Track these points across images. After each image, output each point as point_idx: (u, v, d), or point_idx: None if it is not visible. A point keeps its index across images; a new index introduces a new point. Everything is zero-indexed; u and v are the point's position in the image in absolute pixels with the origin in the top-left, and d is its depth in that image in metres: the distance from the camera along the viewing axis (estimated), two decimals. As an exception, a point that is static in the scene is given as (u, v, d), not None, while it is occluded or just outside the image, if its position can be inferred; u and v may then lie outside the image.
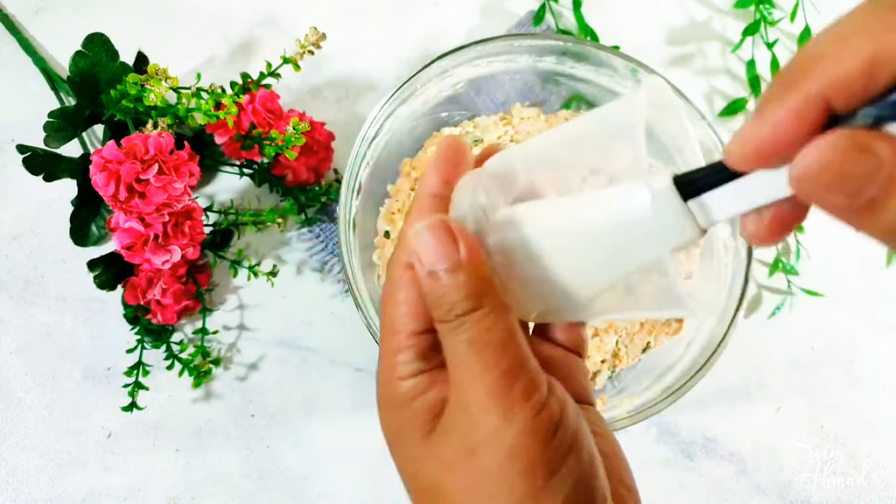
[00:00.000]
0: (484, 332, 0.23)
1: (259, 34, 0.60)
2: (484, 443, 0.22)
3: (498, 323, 0.23)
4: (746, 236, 0.22)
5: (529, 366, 0.23)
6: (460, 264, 0.23)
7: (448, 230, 0.23)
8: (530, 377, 0.23)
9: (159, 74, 0.48)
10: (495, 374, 0.22)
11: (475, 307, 0.23)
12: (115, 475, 0.52)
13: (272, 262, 0.56)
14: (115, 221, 0.48)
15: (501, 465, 0.22)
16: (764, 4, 0.61)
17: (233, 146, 0.51)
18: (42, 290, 0.54)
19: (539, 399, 0.23)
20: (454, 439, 0.23)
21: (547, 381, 0.24)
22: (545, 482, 0.22)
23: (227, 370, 0.54)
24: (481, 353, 0.23)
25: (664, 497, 0.54)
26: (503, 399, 0.22)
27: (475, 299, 0.23)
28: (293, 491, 0.52)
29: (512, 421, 0.22)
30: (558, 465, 0.22)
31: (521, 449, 0.22)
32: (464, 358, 0.23)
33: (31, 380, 0.53)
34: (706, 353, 0.47)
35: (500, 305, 0.23)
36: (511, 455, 0.22)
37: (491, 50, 0.51)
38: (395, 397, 0.25)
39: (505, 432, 0.22)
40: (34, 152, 0.49)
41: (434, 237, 0.23)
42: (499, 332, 0.23)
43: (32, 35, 0.58)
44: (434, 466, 0.24)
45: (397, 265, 0.25)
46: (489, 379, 0.22)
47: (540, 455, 0.22)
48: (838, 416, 0.56)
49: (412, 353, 0.25)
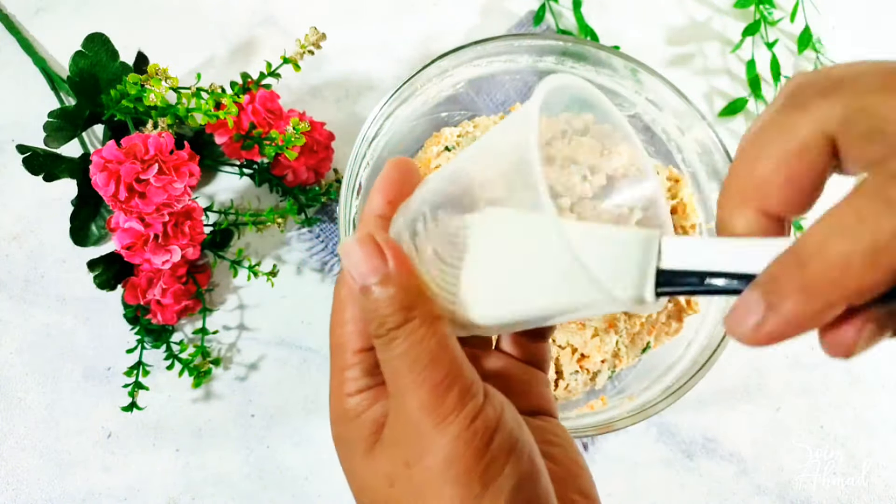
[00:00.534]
0: (415, 345, 0.23)
1: (259, 34, 0.60)
2: (420, 454, 0.23)
3: (429, 335, 0.23)
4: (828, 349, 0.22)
5: (463, 375, 0.23)
6: (389, 277, 0.23)
7: (374, 244, 0.24)
8: (464, 386, 0.23)
9: (159, 74, 0.48)
10: (428, 386, 0.23)
11: (406, 320, 0.23)
12: (115, 475, 0.52)
13: (272, 262, 0.56)
14: (115, 221, 0.48)
15: (438, 475, 0.22)
16: (764, 4, 0.61)
17: (233, 146, 0.51)
18: (42, 290, 0.54)
19: (474, 407, 0.23)
20: (393, 452, 0.24)
21: (484, 389, 0.24)
22: (483, 489, 0.22)
23: (227, 370, 0.54)
24: (413, 367, 0.23)
25: (664, 497, 0.54)
26: (437, 410, 0.22)
27: (405, 312, 0.23)
28: (293, 491, 0.52)
29: (446, 431, 0.22)
30: (497, 471, 0.22)
31: (456, 458, 0.22)
32: (398, 372, 0.23)
33: (31, 380, 0.53)
34: (706, 353, 0.47)
35: (431, 317, 0.24)
36: (447, 464, 0.22)
37: (491, 50, 0.51)
38: (343, 413, 0.25)
39: (439, 442, 0.22)
40: (34, 152, 0.49)
41: (362, 251, 0.24)
42: (430, 344, 0.23)
43: (32, 35, 0.58)
44: (376, 480, 0.24)
45: (343, 283, 0.26)
46: (423, 391, 0.23)
47: (476, 462, 0.22)
48: (838, 416, 0.56)
49: (359, 370, 0.25)
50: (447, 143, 0.52)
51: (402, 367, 0.23)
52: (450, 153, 0.51)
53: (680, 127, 0.52)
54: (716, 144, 0.50)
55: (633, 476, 0.54)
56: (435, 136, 0.53)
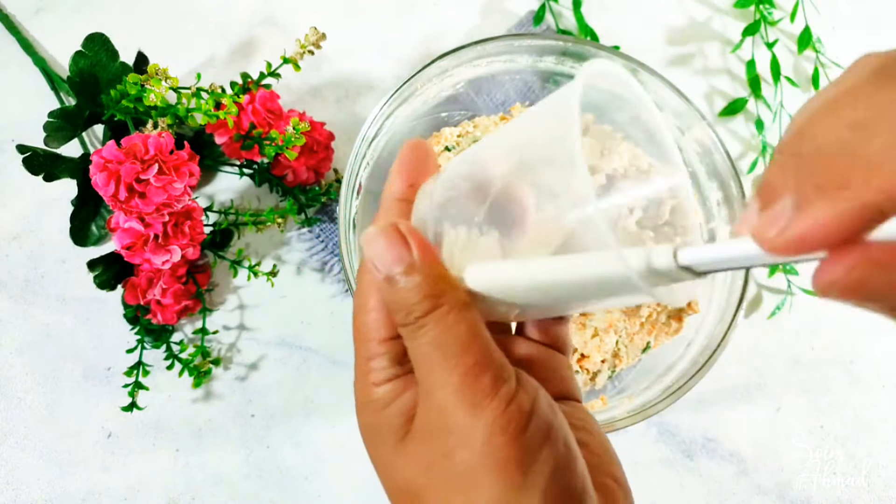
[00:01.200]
0: (444, 332, 0.23)
1: (259, 34, 0.60)
2: (455, 442, 0.22)
3: (458, 321, 0.23)
4: None
5: (495, 360, 0.23)
6: (414, 266, 0.23)
7: (398, 232, 0.23)
8: (496, 372, 0.23)
9: (159, 74, 0.48)
10: (460, 373, 0.22)
11: (433, 307, 0.23)
12: (114, 475, 0.52)
13: (272, 262, 0.56)
14: (115, 221, 0.48)
15: (476, 465, 0.22)
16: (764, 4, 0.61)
17: (233, 146, 0.51)
18: (42, 290, 0.54)
19: (507, 392, 0.22)
20: (427, 442, 0.23)
21: (516, 374, 0.24)
22: (522, 477, 0.22)
23: (227, 370, 0.54)
24: (444, 354, 0.22)
25: (664, 497, 0.54)
26: (470, 397, 0.22)
27: (433, 299, 0.23)
28: (293, 491, 0.52)
29: (481, 418, 0.22)
30: (533, 457, 0.22)
31: (493, 446, 0.22)
32: (427, 360, 0.23)
33: (31, 380, 0.53)
34: (706, 353, 0.47)
35: (460, 303, 0.23)
36: (484, 453, 0.22)
37: (491, 50, 0.51)
38: (371, 403, 0.25)
39: (475, 430, 0.22)
40: (34, 152, 0.49)
41: (386, 240, 0.23)
42: (460, 330, 0.23)
43: (32, 35, 0.58)
44: (410, 470, 0.24)
45: (365, 271, 0.25)
46: (454, 378, 0.22)
47: (513, 450, 0.22)
48: (838, 416, 0.56)
49: (386, 359, 0.25)
50: (447, 143, 0.52)
51: (433, 355, 0.23)
52: (450, 153, 0.51)
53: (680, 127, 0.52)
54: (716, 144, 0.50)
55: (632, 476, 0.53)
56: (435, 136, 0.53)
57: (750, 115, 0.61)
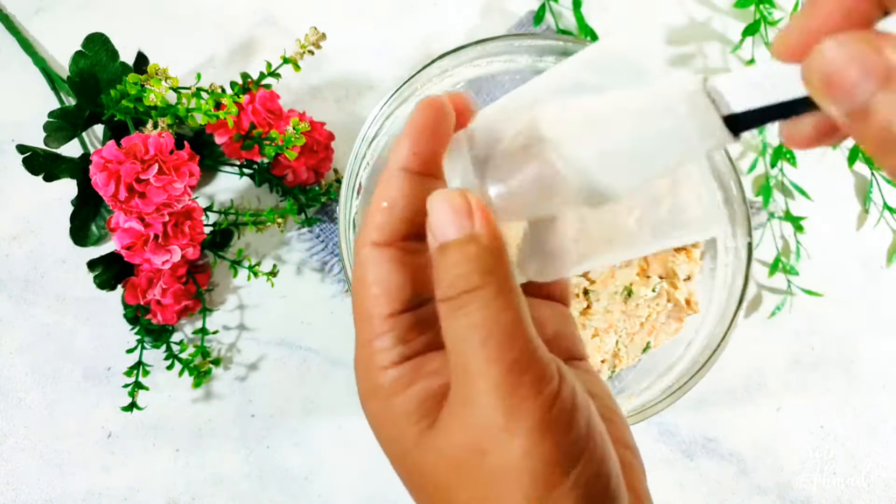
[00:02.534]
0: (489, 317, 0.21)
1: (259, 34, 0.60)
2: (493, 445, 0.21)
3: (505, 307, 0.21)
4: (783, 137, 0.21)
5: (539, 355, 0.21)
6: (473, 237, 0.21)
7: (465, 201, 0.22)
8: (540, 368, 0.21)
9: (159, 74, 0.48)
10: (502, 367, 0.21)
11: (482, 284, 0.21)
12: (114, 475, 0.52)
13: (272, 262, 0.56)
14: (115, 221, 0.48)
15: (514, 466, 0.21)
16: (764, 4, 0.61)
17: (233, 146, 0.51)
18: (42, 290, 0.54)
19: (551, 392, 0.21)
20: (460, 436, 0.21)
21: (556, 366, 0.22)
22: (562, 479, 0.21)
23: (227, 370, 0.54)
24: (486, 343, 0.21)
25: (664, 497, 0.54)
26: (512, 395, 0.20)
27: (484, 274, 0.21)
28: (293, 491, 0.52)
29: (523, 419, 0.20)
30: (575, 459, 0.21)
31: (535, 448, 0.20)
32: (467, 346, 0.21)
33: (31, 380, 0.53)
34: (706, 353, 0.47)
35: (509, 288, 0.21)
36: (524, 454, 0.20)
37: (491, 50, 0.51)
38: (380, 390, 0.23)
39: (516, 431, 0.20)
40: (34, 152, 0.49)
41: (451, 207, 0.22)
42: (506, 318, 0.21)
43: (32, 35, 0.58)
44: (438, 465, 0.22)
45: (364, 244, 0.24)
46: (495, 372, 0.21)
47: (556, 452, 0.20)
48: (838, 416, 0.56)
49: (391, 338, 0.23)
50: (447, 143, 0.52)
51: (474, 341, 0.21)
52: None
53: (680, 127, 0.52)
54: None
55: (633, 476, 0.54)
56: (435, 136, 0.53)
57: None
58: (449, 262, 0.22)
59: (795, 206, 0.59)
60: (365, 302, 0.23)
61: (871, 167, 0.59)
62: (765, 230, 0.59)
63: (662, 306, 0.51)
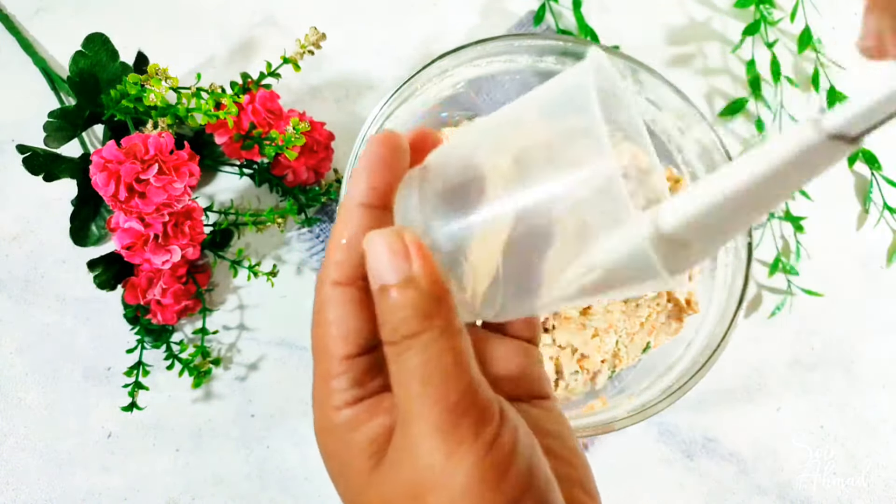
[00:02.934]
0: (429, 360, 0.21)
1: (259, 34, 0.60)
2: (433, 484, 0.21)
3: (446, 350, 0.21)
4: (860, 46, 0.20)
5: (479, 399, 0.21)
6: (411, 280, 0.21)
7: (401, 240, 0.22)
8: (479, 412, 0.21)
9: (159, 74, 0.48)
10: (441, 409, 0.21)
11: (423, 329, 0.21)
12: (114, 475, 0.52)
13: (272, 262, 0.56)
14: (115, 221, 0.48)
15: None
16: (764, 4, 0.61)
17: (233, 146, 0.51)
18: (42, 290, 0.54)
19: (490, 434, 0.21)
20: (400, 478, 0.22)
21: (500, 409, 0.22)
22: None
23: (227, 370, 0.54)
24: (426, 385, 0.21)
25: (664, 497, 0.54)
26: (450, 437, 0.21)
27: (422, 320, 0.21)
28: (293, 491, 0.52)
29: (460, 462, 0.20)
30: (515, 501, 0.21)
31: (471, 493, 0.20)
32: (409, 389, 0.21)
33: (31, 380, 0.53)
34: (706, 353, 0.47)
35: (452, 331, 0.22)
36: (462, 496, 0.20)
37: (491, 50, 0.51)
38: (333, 428, 0.23)
39: (453, 475, 0.20)
40: (34, 152, 0.49)
41: (388, 248, 0.22)
42: (446, 361, 0.21)
43: (32, 35, 0.58)
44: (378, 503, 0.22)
45: (324, 282, 0.24)
46: (435, 414, 0.21)
47: (494, 495, 0.21)
48: (838, 416, 0.56)
49: (346, 379, 0.23)
50: (447, 143, 0.52)
51: (414, 383, 0.21)
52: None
53: (680, 127, 0.52)
54: (716, 145, 0.50)
55: (633, 476, 0.54)
56: (435, 136, 0.53)
57: (750, 116, 0.61)
58: (389, 306, 0.22)
59: (795, 206, 0.59)
60: (323, 339, 0.24)
61: (871, 167, 0.59)
62: (765, 230, 0.59)
63: (662, 306, 0.51)
